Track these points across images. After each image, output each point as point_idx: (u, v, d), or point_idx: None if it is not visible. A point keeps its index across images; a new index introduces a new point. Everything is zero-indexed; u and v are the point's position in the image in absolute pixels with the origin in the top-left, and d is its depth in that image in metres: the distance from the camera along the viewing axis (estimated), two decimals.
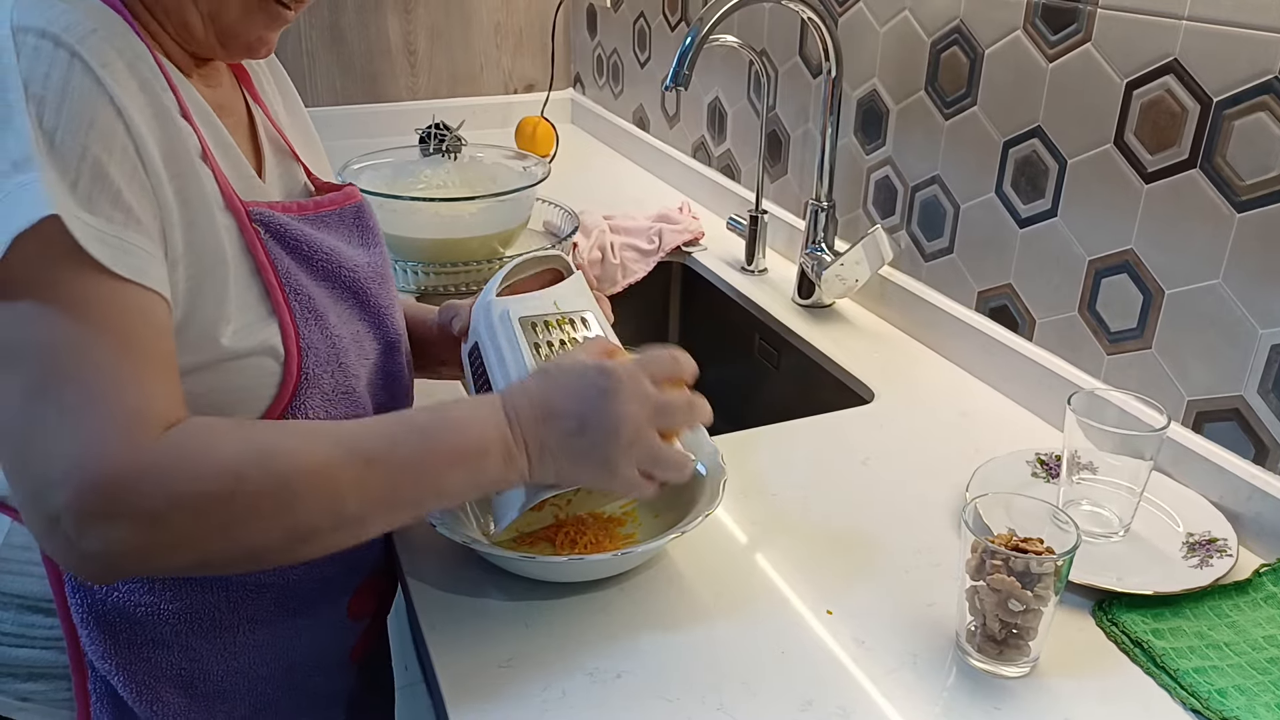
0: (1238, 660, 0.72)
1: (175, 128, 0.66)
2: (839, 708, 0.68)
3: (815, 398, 1.22)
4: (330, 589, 0.82)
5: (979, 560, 0.69)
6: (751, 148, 1.59)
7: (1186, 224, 0.88)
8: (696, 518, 0.78)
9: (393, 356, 0.83)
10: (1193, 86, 0.86)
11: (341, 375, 0.76)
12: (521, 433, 0.69)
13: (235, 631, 0.76)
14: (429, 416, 0.69)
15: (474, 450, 0.67)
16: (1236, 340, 0.86)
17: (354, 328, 0.79)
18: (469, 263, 1.32)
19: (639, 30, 1.92)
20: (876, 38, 1.24)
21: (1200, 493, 0.88)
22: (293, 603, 0.79)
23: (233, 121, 0.77)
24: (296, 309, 0.72)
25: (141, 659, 0.73)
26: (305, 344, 0.72)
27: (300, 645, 0.81)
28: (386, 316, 0.83)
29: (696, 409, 0.73)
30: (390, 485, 0.65)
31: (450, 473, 0.67)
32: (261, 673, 0.79)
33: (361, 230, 0.84)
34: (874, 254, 1.23)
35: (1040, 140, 1.02)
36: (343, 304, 0.78)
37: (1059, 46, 0.98)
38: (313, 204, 0.79)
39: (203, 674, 0.76)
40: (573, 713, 0.67)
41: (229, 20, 0.70)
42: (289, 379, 0.72)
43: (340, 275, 0.78)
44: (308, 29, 2.01)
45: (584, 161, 2.01)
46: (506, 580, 0.79)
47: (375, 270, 0.82)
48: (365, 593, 0.86)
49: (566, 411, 0.69)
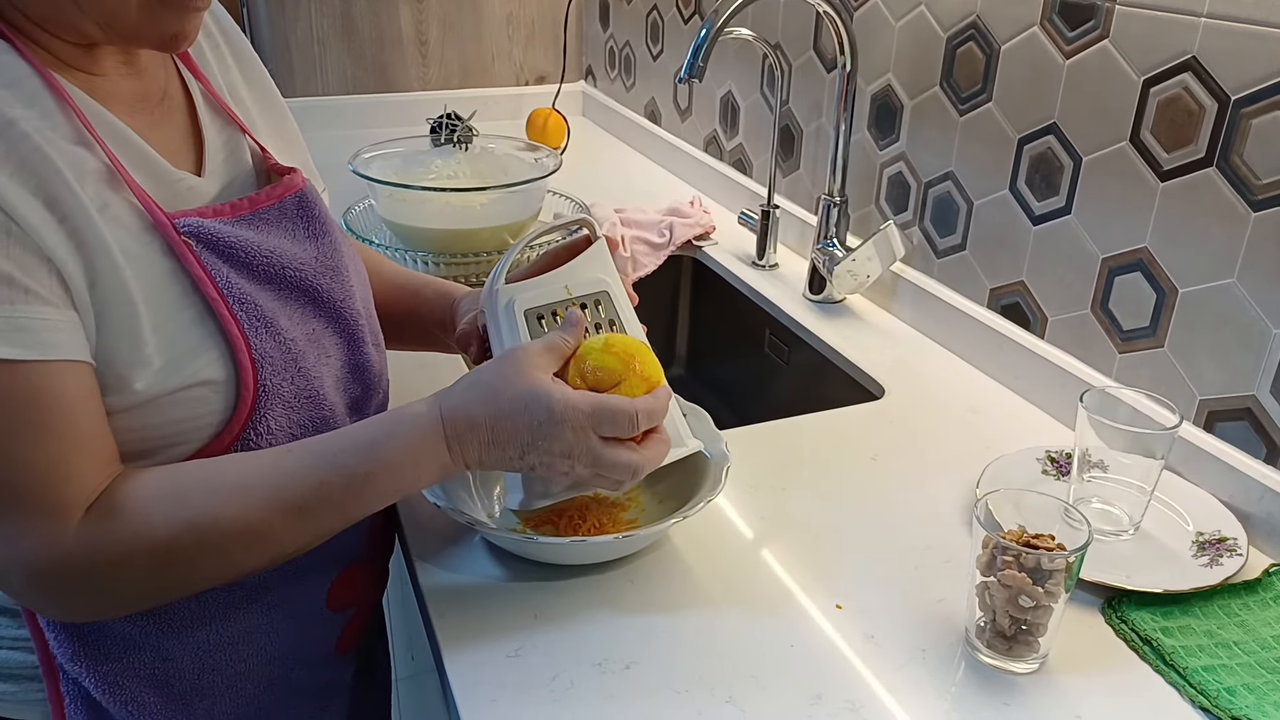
0: (1247, 659, 0.72)
1: (54, 168, 0.61)
2: (848, 702, 0.68)
3: (825, 393, 1.21)
4: (304, 580, 0.80)
5: (990, 556, 0.69)
6: (764, 142, 1.58)
7: (1202, 223, 0.88)
8: (699, 503, 0.78)
9: (358, 349, 0.80)
10: (1211, 85, 0.85)
11: (302, 380, 0.73)
12: (462, 453, 0.70)
13: (206, 629, 0.74)
14: (360, 455, 0.68)
15: (408, 480, 0.70)
16: (1250, 340, 0.85)
17: (309, 328, 0.75)
18: (479, 253, 1.32)
19: (651, 23, 1.91)
20: (892, 32, 1.23)
21: (1211, 492, 0.88)
22: (265, 596, 0.77)
23: (162, 109, 0.73)
24: (244, 319, 0.69)
25: (112, 660, 0.72)
26: (259, 354, 0.69)
27: (278, 639, 0.79)
28: (344, 309, 0.78)
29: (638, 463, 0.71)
30: (323, 523, 0.68)
31: (384, 499, 0.70)
32: (239, 669, 0.77)
33: (306, 220, 0.78)
34: (886, 250, 1.23)
35: (1055, 137, 1.02)
36: (293, 305, 0.74)
37: (1076, 43, 0.98)
38: (247, 202, 0.74)
39: (177, 673, 0.74)
40: (581, 703, 0.67)
41: (128, 22, 0.64)
42: (246, 393, 0.69)
43: (285, 276, 0.73)
44: (319, 18, 2.01)
45: (595, 154, 2.01)
46: (515, 570, 0.79)
47: (325, 263, 0.77)
48: (345, 583, 0.83)
49: (507, 441, 0.69)
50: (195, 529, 0.64)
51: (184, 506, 0.64)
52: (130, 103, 0.70)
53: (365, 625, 0.90)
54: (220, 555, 0.65)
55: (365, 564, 0.86)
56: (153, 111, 0.72)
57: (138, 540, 0.63)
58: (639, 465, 0.71)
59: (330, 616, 0.83)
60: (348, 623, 0.86)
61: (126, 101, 0.70)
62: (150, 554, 0.63)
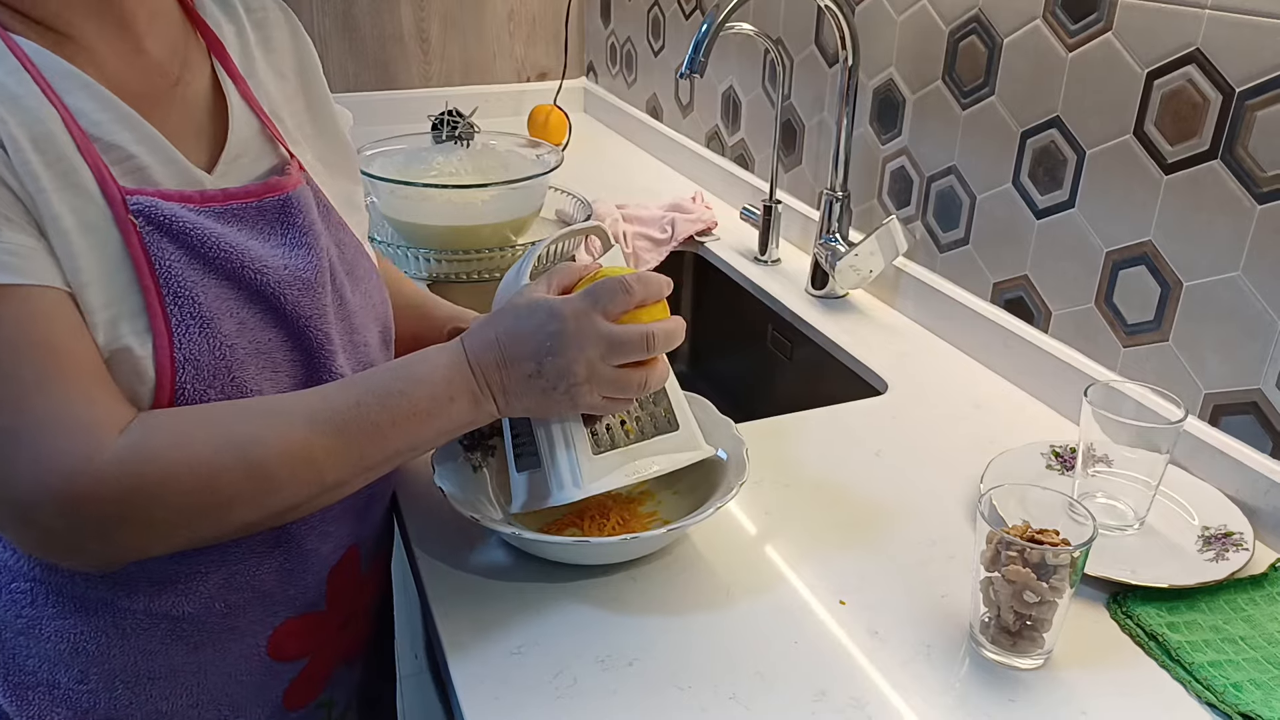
0: (1253, 654, 0.71)
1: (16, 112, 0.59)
2: (852, 698, 0.68)
3: (828, 389, 1.21)
4: (239, 623, 0.74)
5: (994, 551, 0.69)
6: (766, 137, 1.58)
7: (1206, 216, 0.88)
8: (733, 490, 0.78)
9: (319, 371, 0.73)
10: (1215, 76, 0.85)
11: (235, 391, 0.67)
12: (484, 378, 0.71)
13: (126, 659, 0.71)
14: (391, 375, 0.69)
15: (441, 400, 0.69)
16: (1255, 333, 0.85)
17: (260, 337, 0.69)
18: (481, 250, 1.32)
19: (653, 18, 1.91)
20: (894, 26, 1.23)
21: (1217, 486, 0.88)
22: (192, 636, 0.72)
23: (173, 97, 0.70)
24: (175, 314, 0.64)
25: (26, 671, 0.69)
26: (182, 355, 0.64)
27: (209, 684, 0.74)
28: (310, 327, 0.72)
29: (655, 339, 0.72)
30: (364, 449, 0.67)
31: (421, 425, 0.69)
32: (163, 708, 0.73)
33: (285, 228, 0.72)
34: (888, 245, 1.22)
35: (1059, 130, 1.01)
36: (248, 309, 0.69)
37: (1079, 36, 0.97)
38: (221, 194, 0.69)
39: (92, 697, 0.71)
40: (585, 699, 0.67)
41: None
42: (162, 394, 0.64)
43: (244, 277, 0.68)
44: (320, 15, 2.01)
45: (597, 150, 2.01)
46: (518, 568, 0.79)
47: (296, 274, 0.71)
48: (291, 634, 0.78)
49: (523, 355, 0.71)
50: (237, 447, 0.62)
51: (223, 427, 0.63)
52: (131, 81, 0.67)
53: (327, 679, 0.84)
54: (263, 478, 0.63)
55: (320, 620, 0.80)
56: (160, 97, 0.69)
57: (178, 457, 0.60)
58: (647, 376, 0.73)
59: (274, 666, 0.78)
60: (298, 675, 0.80)
61: (125, 79, 0.67)
62: (192, 474, 0.60)
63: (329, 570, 0.79)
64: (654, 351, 0.73)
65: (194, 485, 0.61)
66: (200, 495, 0.61)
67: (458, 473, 0.83)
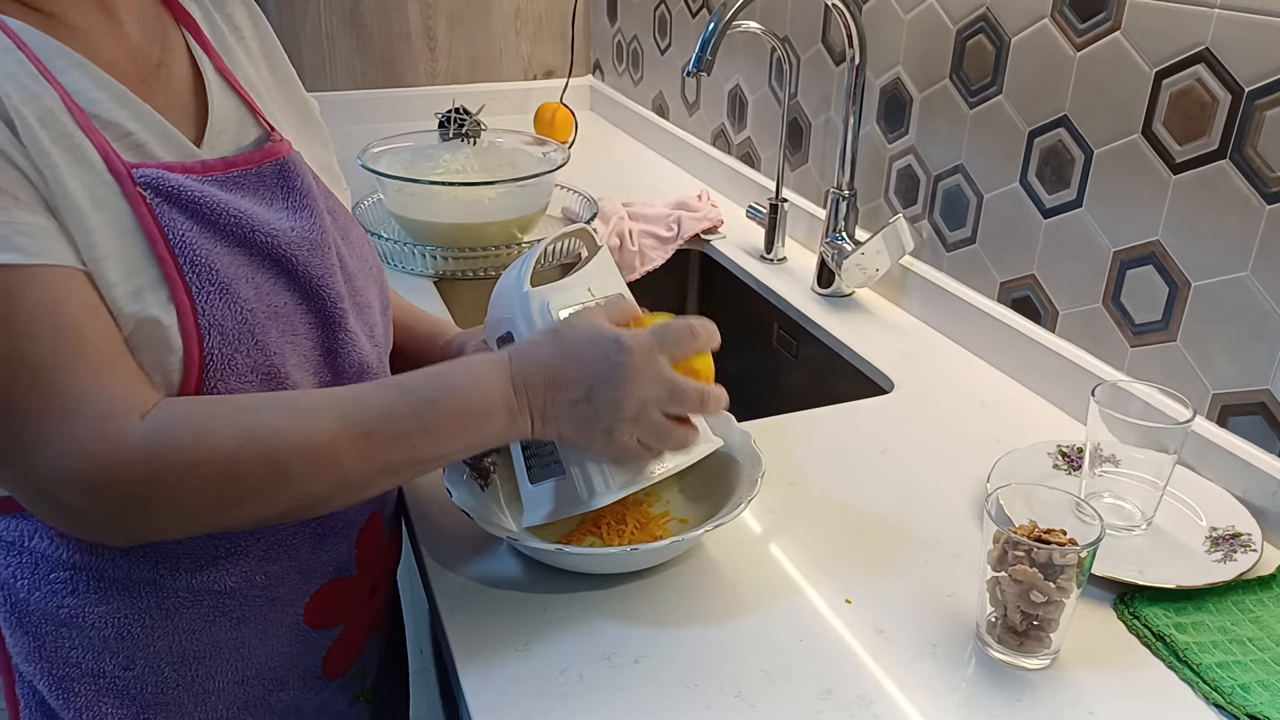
0: (1261, 655, 0.71)
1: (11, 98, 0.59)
2: (858, 697, 0.68)
3: (834, 387, 1.21)
4: (278, 593, 0.75)
5: (1001, 551, 0.69)
6: (772, 135, 1.58)
7: (1215, 215, 0.87)
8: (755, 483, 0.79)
9: (334, 332, 0.74)
10: (1224, 76, 0.84)
11: (259, 354, 0.68)
12: (528, 397, 0.69)
13: (171, 639, 0.71)
14: (429, 381, 0.68)
15: (477, 414, 0.68)
16: (1264, 333, 0.85)
17: (276, 300, 0.70)
18: (487, 248, 1.32)
19: (659, 16, 1.91)
20: (901, 25, 1.22)
21: (1224, 487, 0.88)
22: (234, 610, 0.73)
23: (158, 78, 0.70)
24: (195, 282, 0.64)
25: (70, 664, 0.69)
26: (206, 321, 0.65)
27: (252, 658, 0.75)
28: (323, 287, 0.73)
29: (709, 399, 0.71)
30: (391, 454, 0.66)
31: (452, 436, 0.68)
32: (207, 686, 0.74)
33: (286, 191, 0.73)
34: (895, 243, 1.22)
35: (1066, 130, 1.01)
36: (262, 274, 0.69)
37: (1087, 35, 0.97)
38: (221, 163, 0.70)
39: (139, 683, 0.71)
40: (591, 697, 0.67)
41: None
42: (191, 362, 0.64)
43: (255, 240, 0.69)
44: (327, 13, 2.01)
45: (603, 148, 2.01)
46: (524, 564, 0.79)
47: (304, 235, 0.72)
48: (327, 599, 0.79)
49: (575, 380, 0.69)
50: (260, 440, 0.62)
51: (248, 418, 0.62)
52: (120, 61, 0.67)
53: (361, 647, 0.85)
54: (283, 472, 0.62)
55: (350, 581, 0.81)
56: (146, 78, 0.70)
57: (201, 446, 0.60)
58: (686, 441, 0.73)
59: (313, 635, 0.79)
60: (334, 642, 0.81)
61: (115, 59, 0.67)
62: (213, 462, 0.60)
63: (357, 533, 0.80)
64: (704, 411, 0.72)
65: (215, 473, 0.61)
66: (220, 486, 0.61)
67: (469, 492, 0.82)
